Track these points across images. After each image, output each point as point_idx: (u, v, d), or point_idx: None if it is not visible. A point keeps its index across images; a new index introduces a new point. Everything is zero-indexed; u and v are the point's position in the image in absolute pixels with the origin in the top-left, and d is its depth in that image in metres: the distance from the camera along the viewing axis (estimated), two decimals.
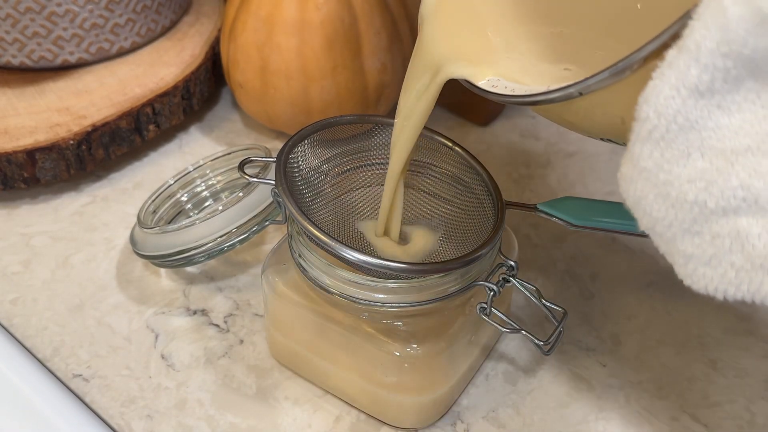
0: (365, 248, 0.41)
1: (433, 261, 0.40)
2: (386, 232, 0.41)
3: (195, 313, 0.46)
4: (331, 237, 0.35)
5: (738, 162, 0.21)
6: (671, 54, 0.21)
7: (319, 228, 0.35)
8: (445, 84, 0.35)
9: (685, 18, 0.21)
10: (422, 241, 0.41)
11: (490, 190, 0.39)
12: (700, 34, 0.20)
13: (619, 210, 0.41)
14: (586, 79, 0.24)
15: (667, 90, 0.21)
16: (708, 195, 0.22)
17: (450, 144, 0.41)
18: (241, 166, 0.40)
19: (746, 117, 0.21)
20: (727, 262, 0.22)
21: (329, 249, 0.35)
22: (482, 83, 0.33)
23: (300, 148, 0.40)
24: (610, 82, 0.24)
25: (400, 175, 0.39)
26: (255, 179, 0.40)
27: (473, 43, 0.34)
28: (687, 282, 0.24)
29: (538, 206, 0.40)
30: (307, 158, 0.41)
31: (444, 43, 0.34)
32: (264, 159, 0.42)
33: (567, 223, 0.39)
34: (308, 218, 0.36)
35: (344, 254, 0.35)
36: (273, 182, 0.38)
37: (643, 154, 0.22)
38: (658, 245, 0.23)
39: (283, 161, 0.38)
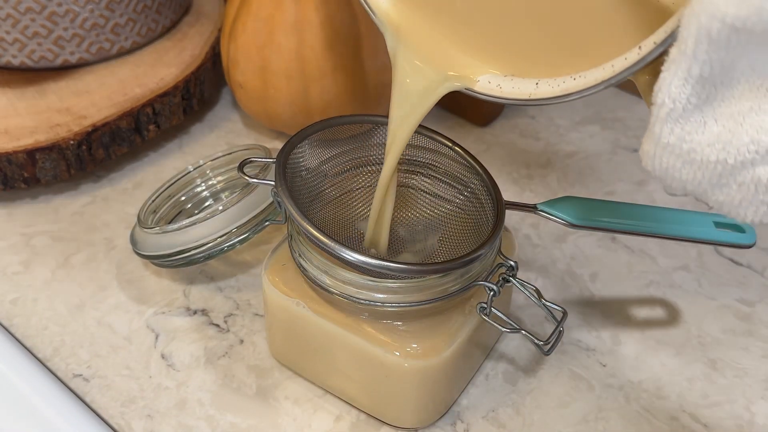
0: (365, 248, 0.41)
1: (433, 261, 0.40)
2: (374, 244, 0.40)
3: (195, 313, 0.46)
4: (331, 238, 0.35)
5: (745, 122, 0.25)
6: (673, 51, 0.25)
7: (319, 229, 0.35)
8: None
9: (676, 20, 0.25)
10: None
11: (490, 190, 0.39)
12: (691, 36, 0.24)
13: (619, 210, 0.41)
14: (609, 78, 0.28)
15: (676, 81, 0.25)
16: (726, 153, 0.26)
17: (450, 144, 0.41)
18: (241, 167, 0.40)
19: (745, 86, 0.25)
20: (756, 203, 0.27)
21: (328, 250, 0.35)
22: (480, 87, 0.33)
23: (300, 149, 0.40)
24: (625, 75, 0.28)
25: (390, 180, 0.38)
26: (255, 180, 0.40)
27: (453, 51, 0.34)
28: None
29: (538, 206, 0.40)
30: (307, 159, 0.41)
31: (426, 65, 0.34)
32: (264, 159, 0.42)
33: (567, 223, 0.39)
34: (308, 219, 0.36)
35: (343, 255, 0.35)
36: (273, 183, 0.38)
37: (664, 133, 0.26)
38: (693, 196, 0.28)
39: (283, 162, 0.38)
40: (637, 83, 0.29)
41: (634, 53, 0.27)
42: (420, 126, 0.41)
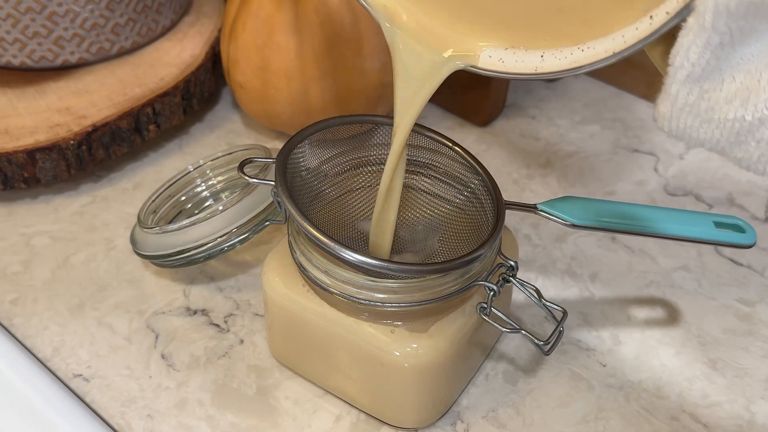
0: (365, 248, 0.41)
1: (433, 261, 0.40)
2: (377, 246, 0.40)
3: (195, 313, 0.46)
4: (331, 238, 0.35)
5: (763, 78, 0.25)
6: (691, 21, 0.25)
7: (319, 229, 0.35)
8: (445, 84, 0.35)
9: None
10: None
11: (490, 190, 0.39)
12: (709, 11, 0.24)
13: (619, 210, 0.41)
14: (622, 51, 0.28)
15: (695, 48, 0.25)
16: (745, 110, 0.26)
17: (450, 144, 0.41)
18: (241, 167, 0.40)
19: (764, 43, 0.25)
20: None
21: (328, 250, 0.35)
22: (482, 63, 0.32)
23: (300, 149, 0.40)
24: (638, 48, 0.28)
25: (395, 171, 0.38)
26: (255, 180, 0.40)
27: (449, 31, 0.33)
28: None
29: (538, 206, 0.40)
30: (307, 158, 0.41)
31: (425, 49, 0.34)
32: (264, 159, 0.42)
33: (567, 223, 0.39)
34: (308, 219, 0.36)
35: (343, 255, 0.35)
36: (273, 183, 0.38)
37: (682, 93, 0.26)
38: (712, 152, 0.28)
39: (283, 161, 0.38)
40: (648, 50, 0.28)
41: (645, 23, 0.27)
42: (420, 126, 0.41)
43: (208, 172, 0.50)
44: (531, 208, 0.40)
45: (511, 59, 0.32)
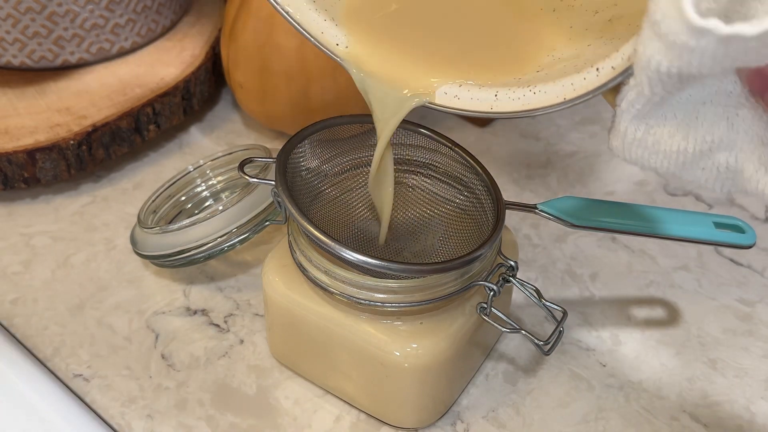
0: (365, 248, 0.41)
1: (433, 261, 0.40)
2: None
3: (195, 313, 0.46)
4: (331, 237, 0.35)
5: (700, 113, 0.28)
6: (632, 82, 0.27)
7: (319, 228, 0.35)
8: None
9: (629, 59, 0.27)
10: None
11: (490, 191, 0.39)
12: (644, 81, 0.26)
13: (619, 210, 0.41)
14: (573, 99, 0.30)
15: (639, 98, 0.27)
16: (686, 143, 0.28)
17: (450, 144, 0.41)
18: (241, 167, 0.40)
19: (698, 87, 0.27)
20: (721, 180, 0.29)
21: (329, 249, 0.35)
22: (439, 99, 0.34)
23: (300, 149, 0.40)
24: (586, 98, 0.30)
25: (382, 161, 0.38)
26: (255, 179, 0.40)
27: (408, 71, 0.35)
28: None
29: (538, 206, 0.40)
30: (307, 158, 0.41)
31: (390, 90, 0.36)
32: (264, 159, 0.42)
33: (567, 223, 0.39)
34: (308, 218, 0.36)
35: (344, 254, 0.35)
36: (273, 182, 0.38)
37: (630, 129, 0.28)
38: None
39: (283, 161, 0.38)
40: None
41: (592, 75, 0.29)
42: (420, 126, 0.41)
43: (208, 172, 0.50)
44: (531, 208, 0.40)
45: (466, 96, 0.33)
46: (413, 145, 0.42)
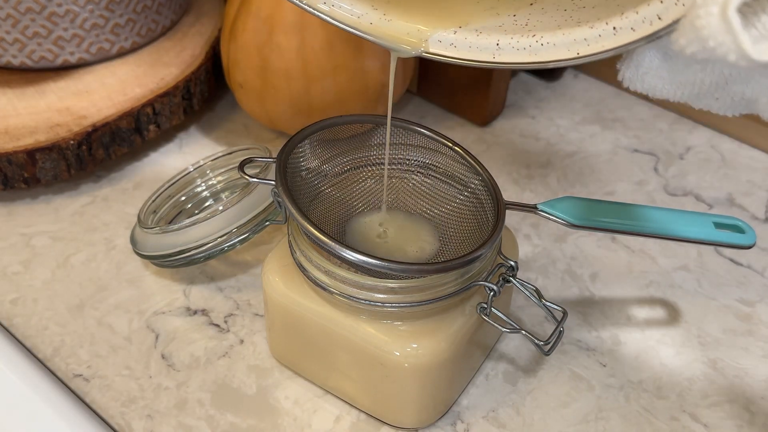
0: (365, 248, 0.41)
1: (433, 261, 0.40)
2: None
3: (195, 313, 0.46)
4: (331, 237, 0.35)
5: (720, 42, 0.26)
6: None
7: (319, 228, 0.35)
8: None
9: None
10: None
11: (490, 190, 0.39)
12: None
13: (619, 210, 0.41)
14: (587, 56, 0.28)
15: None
16: (704, 74, 0.27)
17: (450, 144, 0.41)
18: (242, 167, 0.40)
19: None
20: (734, 107, 0.29)
21: (329, 249, 0.35)
22: (433, 48, 0.32)
23: (300, 149, 0.40)
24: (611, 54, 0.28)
25: None
26: (255, 179, 0.40)
27: (404, 20, 0.34)
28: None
29: (538, 206, 0.40)
30: (308, 158, 0.41)
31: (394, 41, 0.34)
32: (264, 159, 0.42)
33: (567, 223, 0.39)
34: (308, 218, 0.36)
35: (344, 254, 0.35)
36: (273, 182, 0.38)
37: (647, 59, 0.27)
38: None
39: (283, 161, 0.38)
40: None
41: (609, 33, 0.27)
42: (420, 126, 0.41)
43: (208, 172, 0.50)
44: (531, 208, 0.40)
45: (464, 44, 0.32)
46: (413, 145, 0.42)
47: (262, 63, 0.51)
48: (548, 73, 0.65)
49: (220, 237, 0.44)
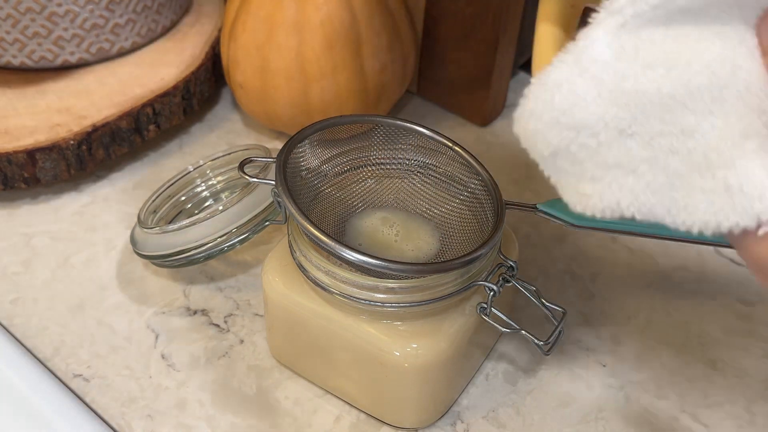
0: (365, 248, 0.41)
1: (433, 261, 0.40)
2: None
3: (195, 313, 0.46)
4: (331, 237, 0.35)
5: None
6: None
7: (319, 228, 0.35)
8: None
9: None
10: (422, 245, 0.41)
11: (490, 190, 0.39)
12: None
13: None
14: None
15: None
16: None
17: (450, 144, 0.41)
18: (241, 166, 0.40)
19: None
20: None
21: (329, 249, 0.35)
22: None
23: (300, 149, 0.40)
24: None
25: None
26: (255, 179, 0.40)
27: None
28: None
29: (538, 206, 0.40)
30: (308, 158, 0.41)
31: None
32: (264, 159, 0.42)
33: (567, 223, 0.39)
34: (308, 218, 0.36)
35: (344, 254, 0.35)
36: (273, 182, 0.38)
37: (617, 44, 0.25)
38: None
39: (283, 161, 0.38)
40: None
41: None
42: (420, 126, 0.41)
43: (208, 172, 0.50)
44: (531, 208, 0.40)
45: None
46: (413, 145, 0.42)
47: (262, 63, 0.51)
48: None
49: (220, 237, 0.44)
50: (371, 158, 0.43)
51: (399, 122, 0.42)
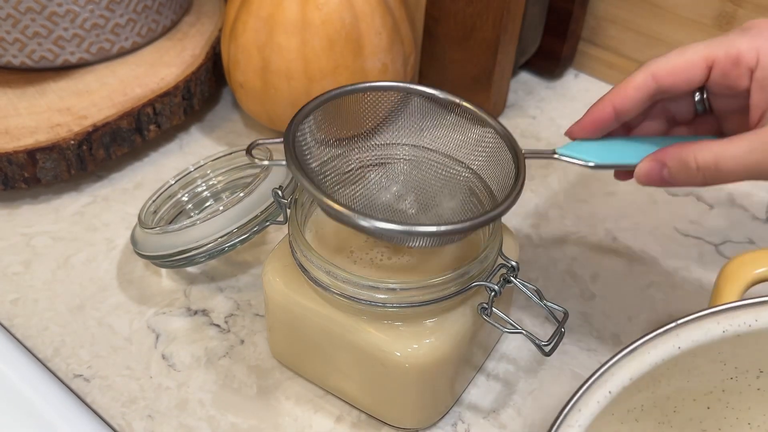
0: (383, 216, 0.39)
1: (456, 221, 0.37)
2: None
3: (196, 313, 0.46)
4: (349, 207, 0.34)
5: None
6: None
7: (334, 199, 0.34)
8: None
9: None
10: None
11: (507, 141, 0.38)
12: None
13: (634, 145, 0.39)
14: None
15: None
16: None
17: (458, 100, 0.40)
18: (249, 150, 0.39)
19: None
20: None
21: (347, 220, 0.34)
22: None
23: (306, 125, 0.39)
24: None
25: None
26: (266, 161, 0.39)
27: None
28: None
29: (556, 150, 0.39)
30: (315, 134, 0.39)
31: None
32: (272, 141, 0.40)
33: (587, 163, 0.38)
34: (322, 190, 0.35)
35: (362, 223, 0.34)
36: (284, 163, 0.37)
37: None
38: None
39: (291, 138, 0.37)
40: None
41: None
42: (425, 86, 0.41)
43: (208, 172, 0.50)
44: (550, 154, 0.39)
45: None
46: (421, 109, 0.41)
47: (263, 63, 0.51)
48: (548, 72, 0.65)
49: (221, 237, 0.44)
50: (381, 126, 0.41)
51: (403, 86, 0.41)
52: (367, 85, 0.41)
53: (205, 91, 0.58)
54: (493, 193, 0.39)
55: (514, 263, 0.38)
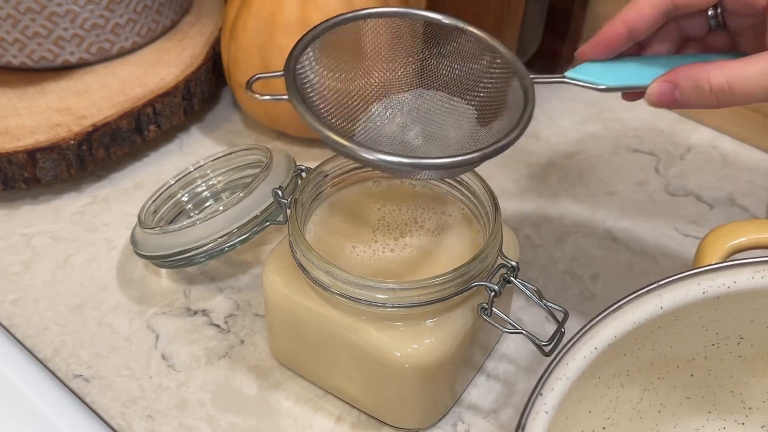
0: (392, 149, 0.37)
1: (467, 152, 0.36)
2: None
3: (196, 313, 0.46)
4: (352, 140, 0.33)
5: None
6: None
7: (337, 131, 0.33)
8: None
9: None
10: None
11: (515, 67, 0.37)
12: None
13: (643, 65, 0.38)
14: None
15: None
16: None
17: (462, 25, 0.39)
18: (249, 85, 0.37)
19: None
20: None
21: (351, 153, 0.33)
22: None
23: (305, 57, 0.37)
24: None
25: None
26: (267, 96, 0.37)
27: None
28: None
29: (566, 74, 0.38)
30: (315, 68, 0.38)
31: None
32: (273, 75, 0.38)
33: (597, 87, 0.38)
34: (327, 125, 0.34)
35: (363, 155, 0.33)
36: (286, 97, 0.35)
37: None
38: None
39: (292, 69, 0.36)
40: None
41: None
42: (425, 11, 0.39)
43: (208, 172, 0.50)
44: (559, 78, 0.38)
45: None
46: (424, 36, 0.40)
47: (263, 63, 0.51)
48: (548, 72, 0.64)
49: (221, 237, 0.44)
50: (381, 59, 0.40)
51: (403, 11, 0.39)
52: (367, 11, 0.39)
53: (205, 91, 0.58)
54: (501, 122, 0.38)
55: (514, 263, 0.38)
